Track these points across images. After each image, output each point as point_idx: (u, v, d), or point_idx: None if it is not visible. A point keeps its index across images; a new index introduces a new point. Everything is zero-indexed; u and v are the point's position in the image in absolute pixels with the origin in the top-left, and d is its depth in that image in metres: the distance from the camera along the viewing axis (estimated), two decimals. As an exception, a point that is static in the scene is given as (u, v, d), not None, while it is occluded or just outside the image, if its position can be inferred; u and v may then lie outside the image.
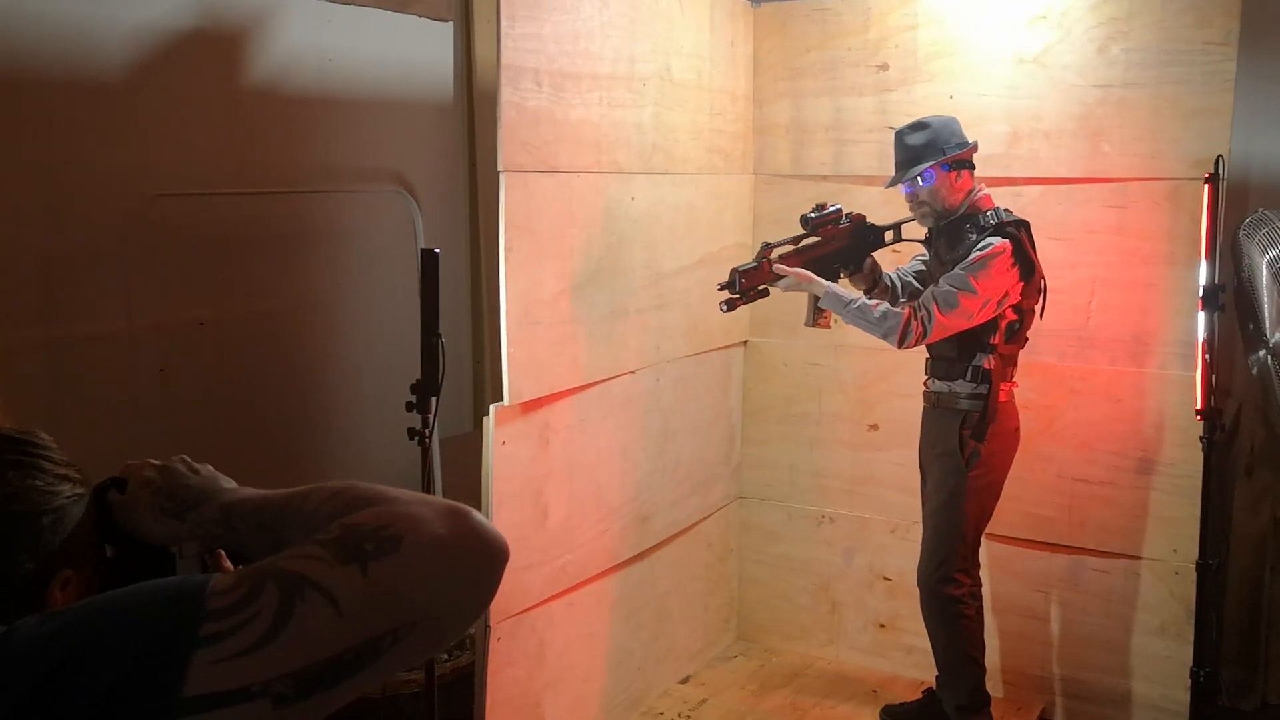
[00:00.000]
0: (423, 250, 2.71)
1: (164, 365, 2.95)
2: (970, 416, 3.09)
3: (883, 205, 3.47)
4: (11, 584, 0.98)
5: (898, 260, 3.41)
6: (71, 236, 2.75)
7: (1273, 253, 3.08)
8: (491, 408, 2.74)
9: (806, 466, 3.91)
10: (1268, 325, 3.12)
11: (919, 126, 3.09)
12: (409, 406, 2.68)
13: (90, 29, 2.74)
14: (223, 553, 1.14)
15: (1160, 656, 3.41)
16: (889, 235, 3.25)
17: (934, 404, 3.20)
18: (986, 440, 3.09)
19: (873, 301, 3.04)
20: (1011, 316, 3.06)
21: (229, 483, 1.12)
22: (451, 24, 3.78)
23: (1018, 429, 3.19)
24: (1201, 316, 3.06)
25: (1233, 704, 3.69)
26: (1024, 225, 3.07)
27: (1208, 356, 3.06)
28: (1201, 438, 3.11)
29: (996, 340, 3.06)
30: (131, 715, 0.80)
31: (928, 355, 3.20)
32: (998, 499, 3.21)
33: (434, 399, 2.68)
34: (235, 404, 3.15)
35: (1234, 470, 3.71)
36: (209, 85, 3.05)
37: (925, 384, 3.23)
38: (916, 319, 2.95)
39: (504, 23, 2.65)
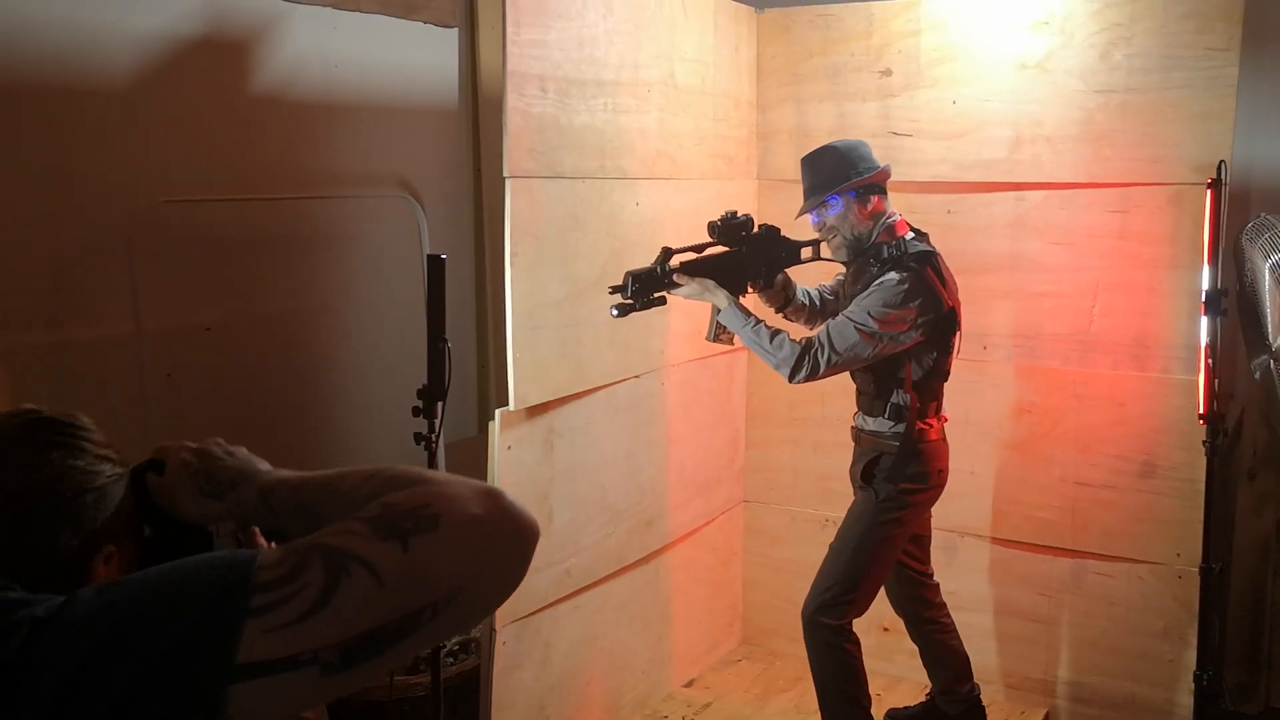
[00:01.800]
0: (429, 256, 2.72)
1: (170, 369, 2.97)
2: (885, 457, 3.00)
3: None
4: (57, 558, 1.04)
5: (823, 277, 3.29)
6: (79, 241, 2.77)
7: (1275, 257, 3.10)
8: (497, 412, 2.75)
9: (810, 470, 3.92)
10: (1270, 329, 3.13)
11: (824, 152, 2.99)
12: (415, 411, 2.69)
13: (98, 37, 2.76)
14: (257, 530, 1.19)
15: (1163, 660, 3.41)
16: (806, 252, 3.11)
17: (857, 440, 3.12)
18: (908, 478, 2.99)
19: (770, 330, 2.87)
20: (925, 352, 2.94)
21: (264, 464, 1.17)
22: (456, 30, 3.80)
23: (944, 470, 3.06)
24: (1204, 321, 3.07)
25: (1236, 708, 3.70)
26: (928, 257, 2.93)
27: (1210, 361, 3.06)
28: (1204, 442, 3.11)
29: (910, 376, 2.94)
30: (186, 681, 0.84)
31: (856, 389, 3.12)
32: (904, 540, 3.12)
33: (440, 403, 2.69)
34: (241, 408, 3.17)
35: (1237, 474, 3.72)
36: (216, 92, 3.07)
37: (853, 419, 3.14)
38: (809, 354, 2.83)
39: (509, 29, 2.67)
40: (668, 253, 2.85)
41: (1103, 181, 3.38)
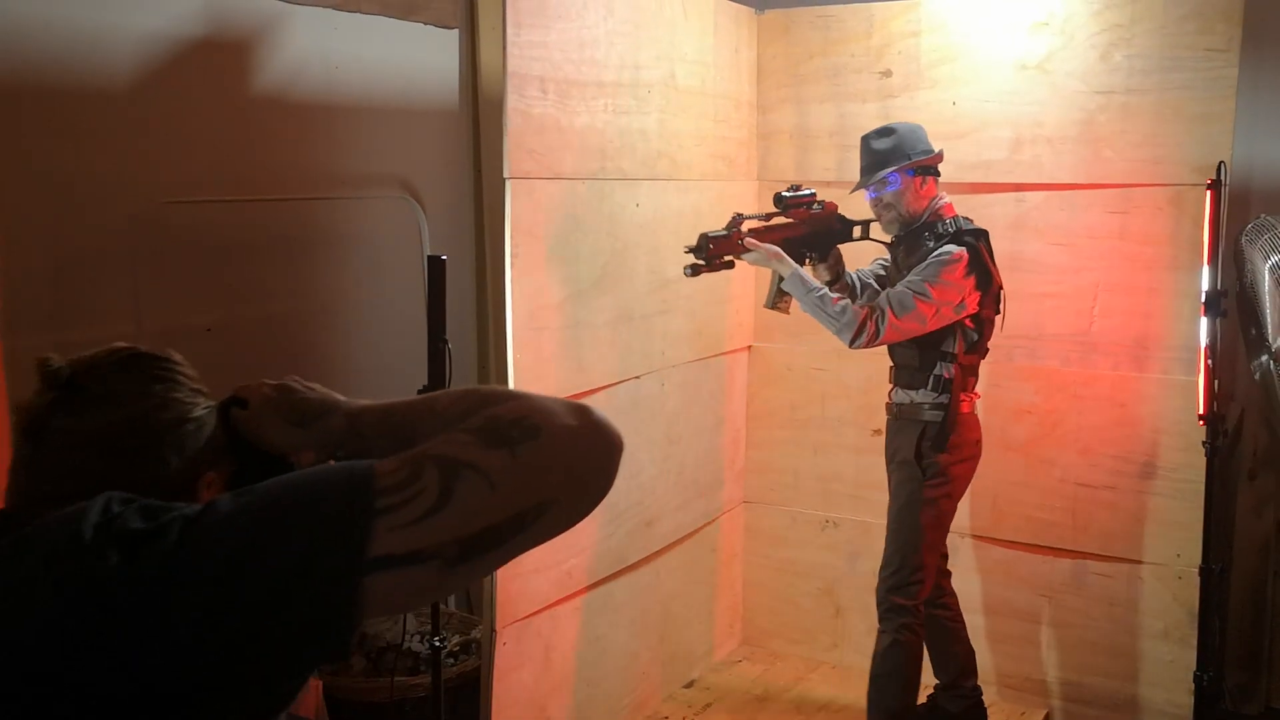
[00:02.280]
0: (429, 256, 2.72)
1: (172, 370, 2.97)
2: (930, 427, 3.08)
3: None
4: (164, 481, 1.11)
5: (857, 263, 3.37)
6: (81, 242, 2.78)
7: (1275, 258, 3.10)
8: (497, 413, 2.75)
9: (810, 471, 3.93)
10: (1270, 330, 3.13)
11: (885, 132, 3.09)
12: (415, 411, 2.69)
13: (99, 38, 2.77)
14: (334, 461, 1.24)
15: (1163, 661, 3.42)
16: (857, 231, 3.24)
17: (896, 415, 3.19)
18: (947, 451, 3.07)
19: (834, 295, 3.02)
20: (969, 326, 3.05)
21: (343, 397, 1.22)
22: (457, 31, 3.79)
23: (979, 441, 3.18)
24: (1203, 322, 3.07)
25: (1236, 708, 3.70)
26: (982, 235, 3.07)
27: (1210, 362, 3.06)
28: (1204, 442, 3.11)
29: (957, 350, 3.05)
30: (322, 573, 0.92)
31: (891, 364, 3.20)
32: (954, 512, 3.19)
33: (440, 404, 2.69)
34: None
35: (1237, 475, 3.73)
36: (217, 93, 3.08)
37: (889, 395, 3.21)
38: (871, 319, 2.95)
39: (510, 30, 2.68)
40: (738, 218, 2.99)
41: (1103, 182, 3.38)
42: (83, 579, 0.93)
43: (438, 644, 2.79)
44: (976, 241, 3.02)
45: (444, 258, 2.71)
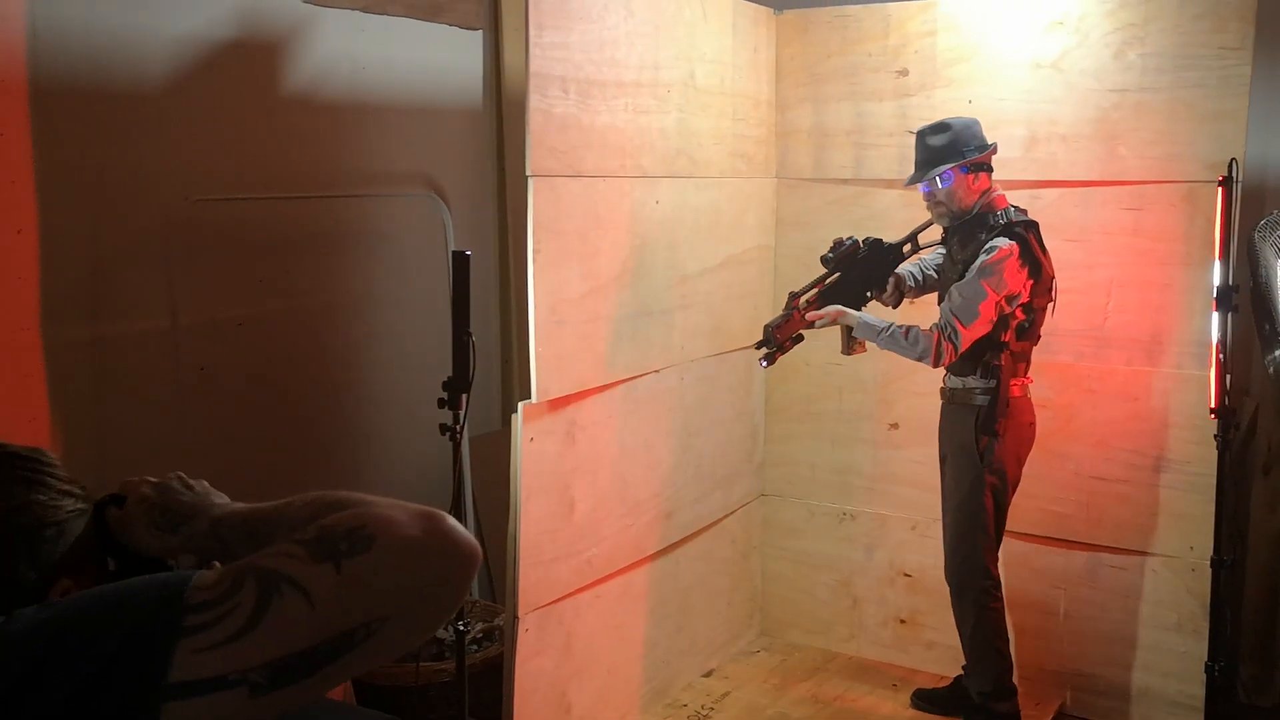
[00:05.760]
0: (454, 252, 2.79)
1: (205, 363, 3.05)
2: (983, 411, 3.17)
3: (903, 208, 3.54)
4: (13, 591, 1.04)
5: (902, 229, 3.42)
6: (117, 239, 2.85)
7: (1287, 254, 3.12)
8: (520, 404, 2.82)
9: (828, 464, 3.98)
10: (1282, 325, 3.16)
11: (941, 128, 3.15)
12: (440, 403, 2.76)
13: (134, 40, 2.84)
14: (217, 565, 1.17)
15: (1176, 652, 3.45)
16: (906, 248, 3.32)
17: (949, 399, 3.29)
18: (1000, 435, 3.16)
19: (902, 329, 3.11)
20: (1020, 316, 3.12)
21: (221, 498, 1.19)
22: (481, 32, 3.87)
23: (1032, 424, 3.26)
24: (1215, 317, 3.11)
25: (1250, 700, 3.72)
26: (1033, 226, 3.14)
27: (1221, 356, 3.10)
28: (1216, 436, 3.15)
29: (1007, 337, 3.12)
30: (119, 698, 0.86)
31: None
32: (1014, 492, 3.28)
33: (464, 395, 2.76)
34: (272, 400, 3.25)
35: (1252, 470, 3.75)
36: (248, 93, 3.15)
37: (943, 380, 3.30)
38: (945, 339, 3.04)
39: (532, 31, 2.73)
40: (792, 296, 3.23)
41: (1117, 179, 3.42)
42: None
43: (462, 630, 2.87)
44: (1026, 233, 3.09)
45: (468, 253, 2.77)
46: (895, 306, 3.37)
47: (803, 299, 3.20)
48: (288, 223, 3.29)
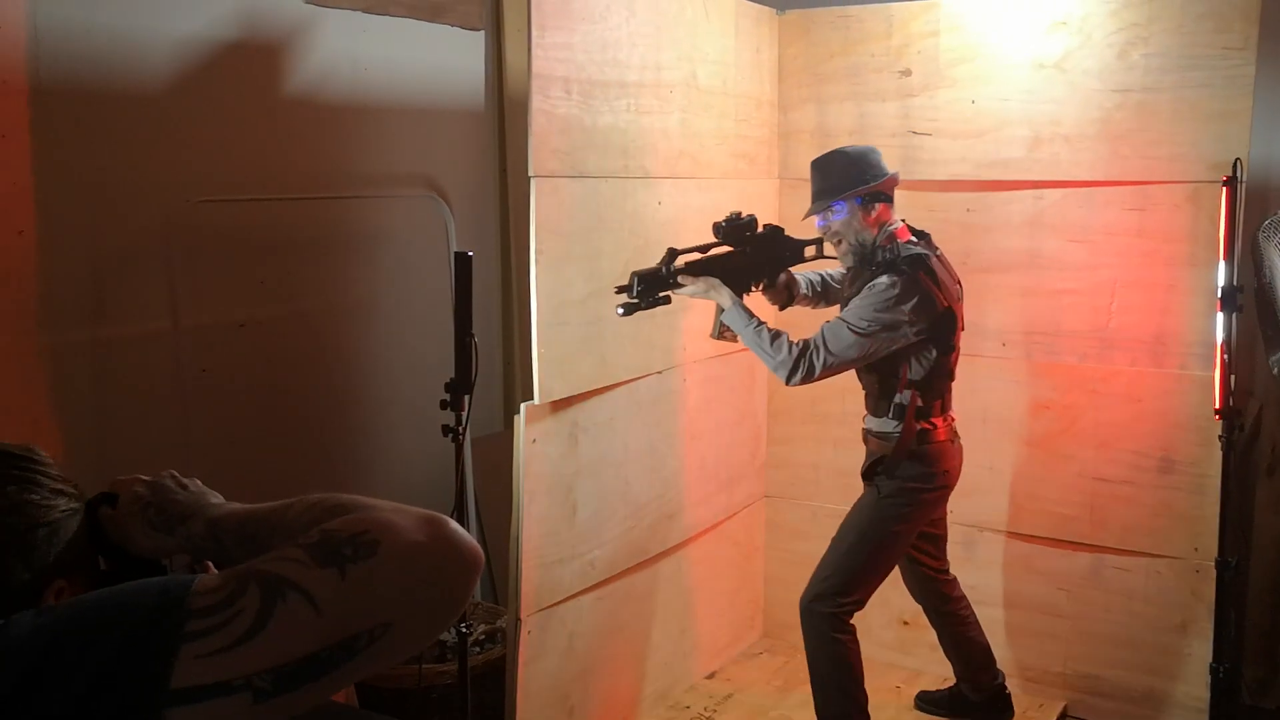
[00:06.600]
0: (456, 253, 2.78)
1: (206, 365, 3.05)
2: (889, 455, 3.05)
3: (904, 209, 3.52)
4: (7, 592, 1.02)
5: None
6: (118, 240, 2.85)
7: (1291, 254, 3.12)
8: (522, 406, 2.82)
9: (831, 466, 3.96)
10: (1286, 326, 3.15)
11: (833, 158, 3.05)
12: (442, 404, 2.75)
13: (135, 41, 2.84)
14: (211, 565, 1.16)
15: (1181, 654, 3.44)
16: (809, 251, 3.19)
17: (865, 440, 3.19)
18: (912, 478, 3.04)
19: (770, 332, 2.94)
20: (924, 351, 2.99)
21: (216, 498, 1.17)
22: (483, 33, 3.87)
23: (950, 471, 3.11)
24: (1219, 318, 3.10)
25: (1255, 702, 3.71)
26: (921, 260, 2.96)
27: (1226, 356, 3.09)
28: (1220, 436, 3.14)
29: (910, 376, 3.00)
30: (120, 704, 0.85)
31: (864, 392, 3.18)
32: (909, 540, 3.17)
33: (467, 396, 2.75)
34: (274, 402, 3.25)
35: (1256, 471, 3.74)
36: (249, 94, 3.14)
37: (863, 420, 3.19)
38: (805, 357, 2.90)
39: (534, 32, 2.73)
40: (673, 253, 2.93)
41: (1120, 180, 3.41)
42: None
43: (464, 632, 2.86)
44: (914, 270, 2.93)
45: (471, 254, 2.76)
46: (783, 308, 3.24)
47: (682, 259, 2.93)
48: (289, 224, 3.28)
